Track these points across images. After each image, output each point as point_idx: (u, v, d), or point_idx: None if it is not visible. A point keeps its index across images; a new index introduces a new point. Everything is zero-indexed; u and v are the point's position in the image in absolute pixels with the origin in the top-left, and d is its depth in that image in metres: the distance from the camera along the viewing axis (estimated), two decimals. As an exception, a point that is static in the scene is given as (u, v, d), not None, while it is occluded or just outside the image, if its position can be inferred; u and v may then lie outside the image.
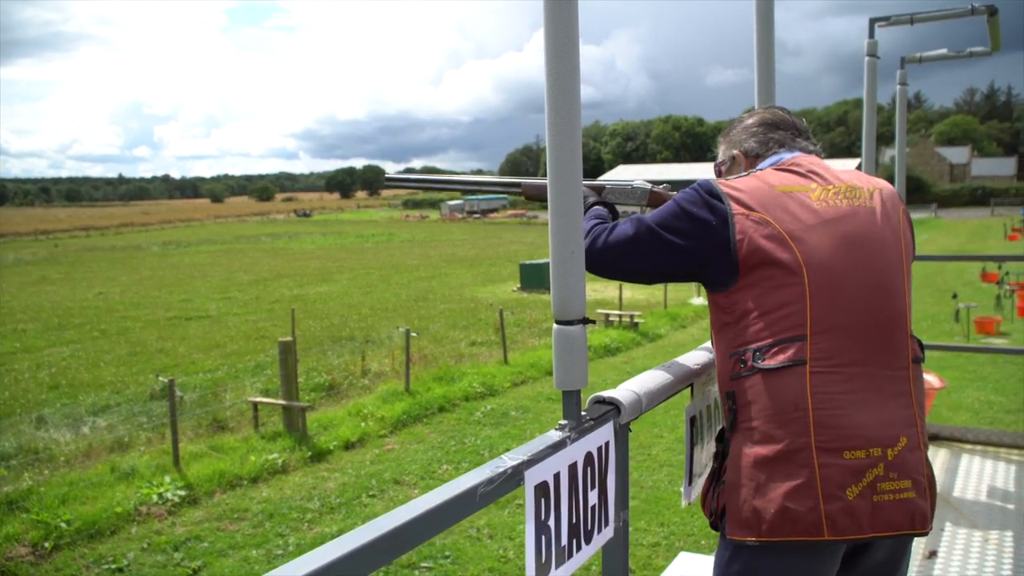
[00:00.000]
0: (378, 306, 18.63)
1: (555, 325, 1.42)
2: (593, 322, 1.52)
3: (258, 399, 8.96)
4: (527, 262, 22.41)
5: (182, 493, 6.69)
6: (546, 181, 1.84)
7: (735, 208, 1.57)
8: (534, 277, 21.15)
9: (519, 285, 21.53)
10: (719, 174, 1.91)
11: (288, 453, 7.63)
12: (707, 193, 1.61)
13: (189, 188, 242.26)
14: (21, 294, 23.47)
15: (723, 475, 1.64)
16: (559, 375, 1.41)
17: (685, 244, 1.60)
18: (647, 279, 1.74)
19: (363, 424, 8.53)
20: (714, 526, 1.71)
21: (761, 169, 1.73)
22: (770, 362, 1.52)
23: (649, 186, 2.06)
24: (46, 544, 5.83)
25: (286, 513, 6.34)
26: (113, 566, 5.55)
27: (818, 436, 1.48)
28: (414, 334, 11.15)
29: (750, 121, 1.87)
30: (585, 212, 1.86)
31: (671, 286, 17.82)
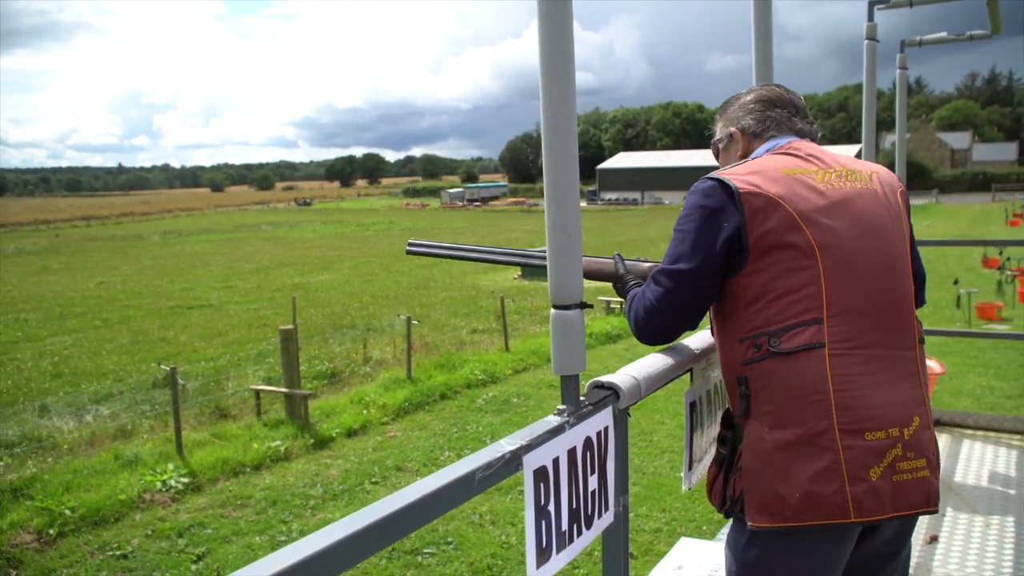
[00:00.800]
0: (379, 294, 18.64)
1: (552, 310, 1.42)
2: (590, 306, 1.52)
3: (260, 387, 8.99)
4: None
5: (185, 480, 6.72)
6: (590, 258, 1.89)
7: (743, 188, 1.54)
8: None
9: (520, 273, 21.50)
10: (717, 152, 1.89)
11: (290, 440, 7.65)
12: (704, 195, 1.59)
13: (189, 177, 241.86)
14: (23, 284, 23.48)
15: (738, 461, 1.63)
16: (557, 360, 1.41)
17: (706, 256, 1.58)
18: (701, 312, 1.66)
19: (365, 411, 8.55)
20: (728, 513, 1.70)
21: (757, 156, 1.72)
22: (787, 346, 1.51)
23: None
24: (51, 531, 5.86)
25: (289, 500, 6.37)
26: (117, 552, 5.58)
27: (840, 418, 1.47)
28: (415, 322, 11.16)
29: (747, 98, 1.84)
30: (628, 290, 1.85)
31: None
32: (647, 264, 1.93)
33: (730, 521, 1.82)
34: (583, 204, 70.63)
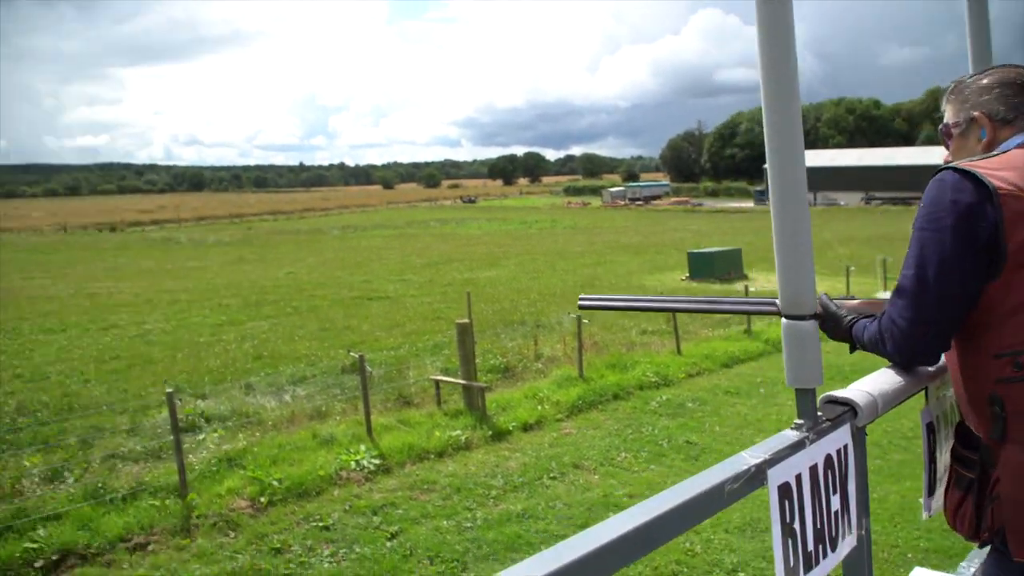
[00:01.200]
0: (546, 291, 18.91)
1: (784, 320, 1.38)
2: (819, 317, 1.44)
3: (440, 377, 9.40)
4: (696, 251, 21.97)
5: (376, 462, 7.16)
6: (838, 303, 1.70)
7: (1001, 188, 1.39)
8: (703, 266, 20.70)
9: (687, 274, 21.12)
10: (948, 136, 1.72)
11: (470, 431, 7.96)
12: (954, 189, 1.42)
13: (362, 175, 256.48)
14: (223, 272, 25.87)
15: (994, 488, 1.54)
16: (791, 372, 1.37)
17: (967, 257, 1.43)
18: (960, 316, 1.49)
19: (539, 407, 8.73)
20: (984, 543, 1.61)
21: (1007, 148, 1.56)
22: None
23: None
24: (262, 499, 6.44)
25: (472, 488, 6.63)
26: (320, 524, 6.05)
27: None
28: (585, 320, 11.24)
29: (987, 81, 1.65)
30: (851, 330, 1.67)
31: (854, 277, 16.84)
32: (856, 301, 1.76)
33: (972, 552, 1.72)
34: (750, 204, 68.07)
